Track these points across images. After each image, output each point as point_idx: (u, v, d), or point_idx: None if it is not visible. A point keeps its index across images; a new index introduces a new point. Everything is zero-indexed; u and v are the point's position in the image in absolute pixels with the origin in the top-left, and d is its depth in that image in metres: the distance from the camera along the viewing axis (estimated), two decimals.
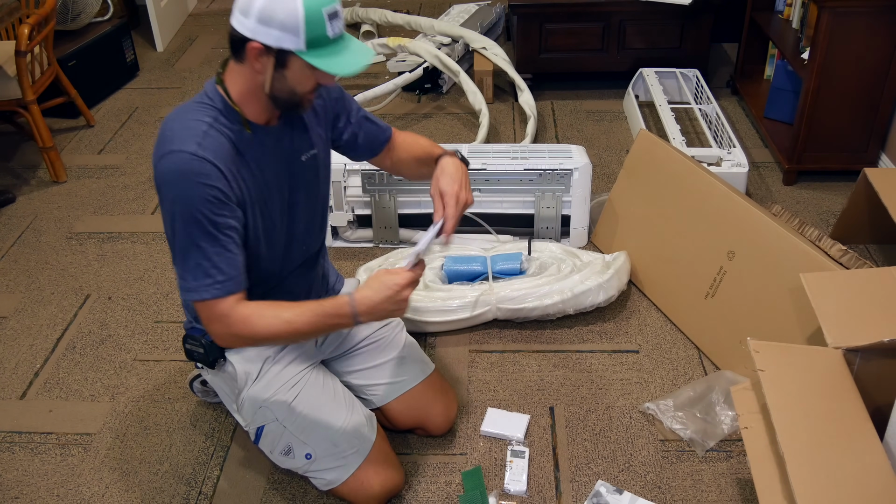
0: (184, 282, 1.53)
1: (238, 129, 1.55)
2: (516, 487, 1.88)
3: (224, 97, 1.54)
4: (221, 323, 1.54)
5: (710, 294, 2.24)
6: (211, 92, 1.55)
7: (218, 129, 1.51)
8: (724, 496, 1.86)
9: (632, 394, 2.14)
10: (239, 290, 1.54)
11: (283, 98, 1.52)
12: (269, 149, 1.61)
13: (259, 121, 1.58)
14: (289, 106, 1.55)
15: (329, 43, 1.44)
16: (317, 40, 1.42)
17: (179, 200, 1.47)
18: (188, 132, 1.48)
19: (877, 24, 2.68)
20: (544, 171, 2.59)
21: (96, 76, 3.84)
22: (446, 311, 2.30)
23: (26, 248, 2.85)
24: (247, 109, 1.55)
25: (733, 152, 2.87)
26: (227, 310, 1.53)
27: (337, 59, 1.45)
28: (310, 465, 1.76)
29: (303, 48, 1.42)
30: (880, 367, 1.62)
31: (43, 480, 1.96)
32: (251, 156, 1.57)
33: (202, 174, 1.46)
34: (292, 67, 1.46)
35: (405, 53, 3.71)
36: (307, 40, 1.41)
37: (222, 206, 1.50)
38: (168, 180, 1.48)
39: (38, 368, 2.31)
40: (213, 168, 1.47)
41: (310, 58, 1.43)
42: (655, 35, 3.61)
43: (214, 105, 1.53)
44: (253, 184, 1.58)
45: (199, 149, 1.47)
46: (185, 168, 1.46)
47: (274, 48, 1.43)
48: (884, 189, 2.32)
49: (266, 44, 1.42)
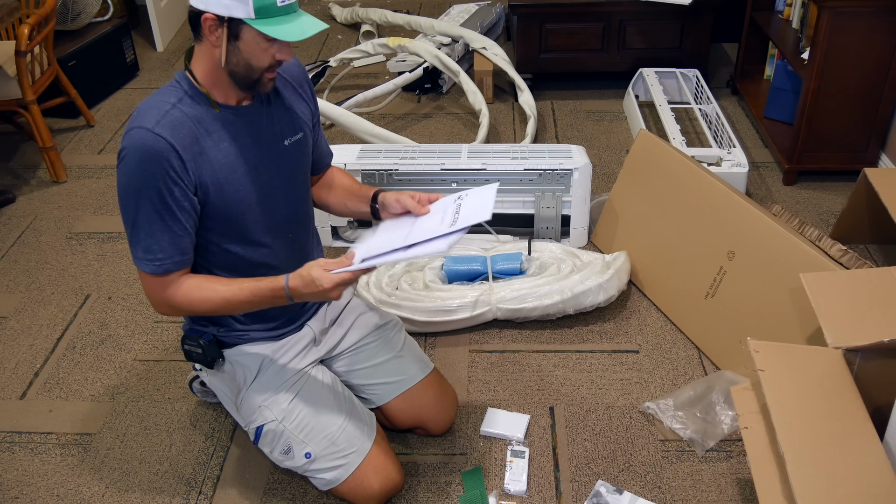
0: (132, 248, 1.59)
1: (205, 108, 1.57)
2: (516, 487, 1.88)
3: (191, 79, 1.57)
4: (155, 293, 1.61)
5: (710, 294, 2.25)
6: (179, 77, 1.59)
7: (181, 108, 1.55)
8: (724, 496, 1.86)
9: (632, 394, 2.14)
10: (177, 270, 1.59)
11: (241, 73, 1.53)
12: (241, 129, 1.62)
13: (229, 101, 1.60)
14: (248, 83, 1.56)
15: (278, 12, 1.46)
16: (265, 8, 1.45)
17: (132, 174, 1.52)
18: (150, 111, 1.53)
19: (877, 24, 2.68)
20: (544, 171, 2.59)
21: (96, 76, 3.84)
22: (446, 311, 2.30)
23: (26, 248, 2.85)
24: (214, 91, 1.58)
25: (733, 152, 2.87)
26: (165, 284, 1.59)
27: (285, 26, 1.47)
28: (309, 465, 1.76)
29: (252, 15, 1.44)
30: (880, 367, 1.62)
31: (43, 480, 1.96)
32: (219, 135, 1.59)
33: (155, 150, 1.50)
34: (244, 38, 1.48)
35: (405, 53, 3.71)
36: (255, 7, 1.44)
37: (173, 184, 1.52)
38: (124, 155, 1.53)
39: (38, 368, 2.31)
40: (166, 145, 1.50)
41: (259, 25, 1.45)
42: (655, 35, 3.61)
43: (181, 87, 1.57)
44: (220, 163, 1.58)
45: (156, 125, 1.50)
46: (140, 144, 1.50)
47: (225, 17, 1.46)
48: (884, 189, 2.32)
49: (217, 13, 1.45)
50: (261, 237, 1.70)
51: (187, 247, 1.60)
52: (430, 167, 2.63)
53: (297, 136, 1.71)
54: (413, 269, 2.51)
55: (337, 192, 1.92)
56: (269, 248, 1.72)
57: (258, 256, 1.71)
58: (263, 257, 1.72)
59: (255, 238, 1.69)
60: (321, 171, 1.92)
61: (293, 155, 1.71)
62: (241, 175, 1.62)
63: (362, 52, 3.79)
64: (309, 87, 1.79)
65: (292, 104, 1.72)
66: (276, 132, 1.67)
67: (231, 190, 1.61)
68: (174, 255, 1.58)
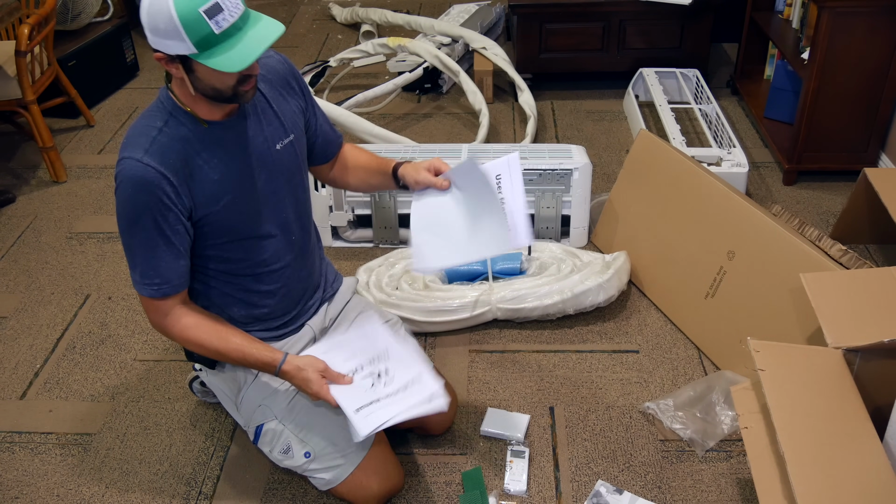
0: (131, 273, 1.62)
1: (191, 127, 1.56)
2: (516, 487, 1.88)
3: (174, 99, 1.56)
4: (154, 316, 1.65)
5: (710, 294, 2.24)
6: (163, 96, 1.58)
7: (168, 132, 1.54)
8: (724, 496, 1.86)
9: (632, 394, 2.14)
10: (174, 293, 1.62)
11: (212, 95, 1.52)
12: (230, 142, 1.61)
13: (214, 117, 1.58)
14: (224, 100, 1.54)
15: (219, 40, 1.41)
16: (204, 40, 1.40)
17: (125, 203, 1.54)
18: (139, 138, 1.53)
19: (877, 24, 2.68)
20: (544, 171, 2.59)
21: (96, 76, 3.84)
22: (446, 311, 2.30)
23: (26, 248, 2.85)
24: (197, 108, 1.56)
25: (733, 152, 2.87)
26: (163, 308, 1.63)
27: (229, 54, 1.42)
28: (309, 464, 1.76)
29: (194, 50, 1.41)
30: (880, 367, 1.62)
31: (43, 480, 1.96)
32: (211, 152, 1.58)
33: (146, 181, 1.50)
34: (198, 70, 1.46)
35: (405, 53, 3.71)
36: (194, 43, 1.40)
37: (166, 210, 1.53)
38: (117, 185, 1.54)
39: (38, 368, 2.31)
40: (156, 174, 1.51)
41: (203, 59, 1.42)
42: (655, 35, 3.61)
43: (166, 108, 1.56)
44: (212, 180, 1.58)
45: (144, 155, 1.51)
46: (131, 175, 1.51)
47: (174, 55, 1.44)
48: (884, 189, 2.32)
49: (164, 52, 1.44)
50: (262, 243, 1.70)
51: (183, 270, 1.62)
52: None
53: (287, 138, 1.70)
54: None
55: (356, 171, 1.91)
56: (271, 252, 1.72)
57: (261, 261, 1.71)
58: (267, 262, 1.72)
59: (256, 245, 1.69)
60: (332, 156, 1.90)
61: (285, 159, 1.70)
62: (235, 187, 1.62)
63: (362, 52, 3.79)
64: (296, 80, 1.76)
65: (280, 106, 1.70)
66: (266, 138, 1.66)
67: (227, 203, 1.61)
68: (172, 279, 1.60)
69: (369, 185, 1.91)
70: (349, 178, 1.92)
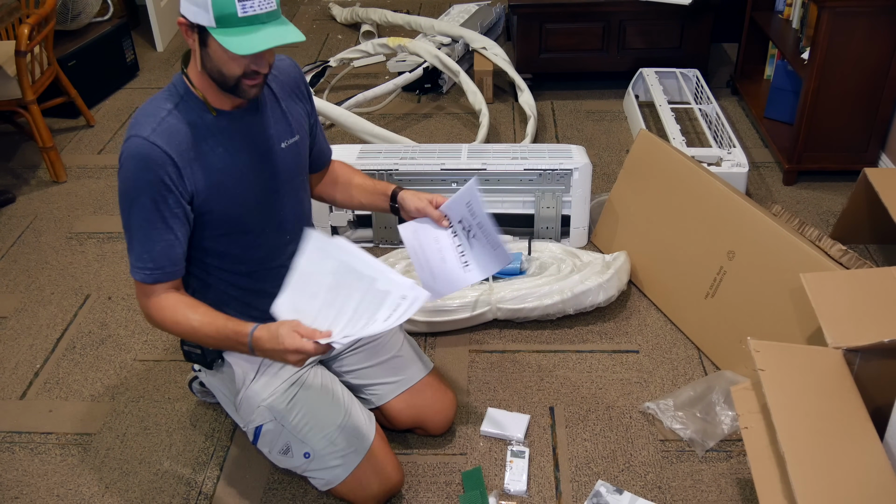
0: (129, 255, 1.61)
1: (200, 113, 1.57)
2: (516, 487, 1.88)
3: (187, 83, 1.57)
4: (141, 299, 1.64)
5: (710, 294, 2.24)
6: (176, 81, 1.60)
7: (177, 114, 1.55)
8: (724, 496, 1.85)
9: (632, 394, 2.14)
10: (168, 280, 1.61)
11: (216, 79, 1.53)
12: (239, 133, 1.62)
13: (224, 106, 1.60)
14: (226, 88, 1.54)
15: (240, 23, 1.43)
16: (226, 18, 1.42)
17: (128, 182, 1.55)
18: (148, 118, 1.54)
19: (877, 24, 2.68)
20: (544, 171, 2.59)
21: (96, 76, 3.84)
22: (446, 311, 2.30)
23: (26, 248, 2.85)
24: (209, 95, 1.58)
25: (733, 152, 2.87)
26: (152, 293, 1.61)
27: (241, 38, 1.43)
28: (308, 465, 1.76)
29: (213, 24, 1.43)
30: (880, 367, 1.62)
31: (43, 480, 1.96)
32: (217, 140, 1.59)
33: (150, 159, 1.51)
34: (211, 45, 1.48)
35: (405, 53, 3.71)
36: (215, 17, 1.42)
37: (167, 191, 1.53)
38: (122, 163, 1.55)
39: (38, 368, 2.31)
40: (161, 154, 1.51)
41: (217, 34, 1.44)
42: (655, 35, 3.61)
43: (178, 92, 1.58)
44: (216, 168, 1.59)
45: (151, 134, 1.51)
46: (135, 152, 1.52)
47: (194, 24, 1.46)
48: (884, 189, 2.32)
49: (187, 17, 1.46)
50: (259, 239, 1.70)
51: (178, 256, 1.61)
52: (430, 167, 2.63)
53: (293, 138, 1.71)
54: (413, 270, 2.51)
55: (346, 188, 1.93)
56: (268, 249, 1.72)
57: (257, 258, 1.71)
58: (263, 259, 1.72)
59: (253, 240, 1.69)
60: (322, 169, 1.92)
61: (289, 158, 1.71)
62: (238, 179, 1.62)
63: (362, 52, 3.79)
64: (305, 87, 1.79)
65: (289, 107, 1.72)
66: (273, 136, 1.67)
67: (228, 194, 1.61)
68: (164, 266, 1.59)
69: (358, 203, 1.93)
70: (336, 193, 1.94)
